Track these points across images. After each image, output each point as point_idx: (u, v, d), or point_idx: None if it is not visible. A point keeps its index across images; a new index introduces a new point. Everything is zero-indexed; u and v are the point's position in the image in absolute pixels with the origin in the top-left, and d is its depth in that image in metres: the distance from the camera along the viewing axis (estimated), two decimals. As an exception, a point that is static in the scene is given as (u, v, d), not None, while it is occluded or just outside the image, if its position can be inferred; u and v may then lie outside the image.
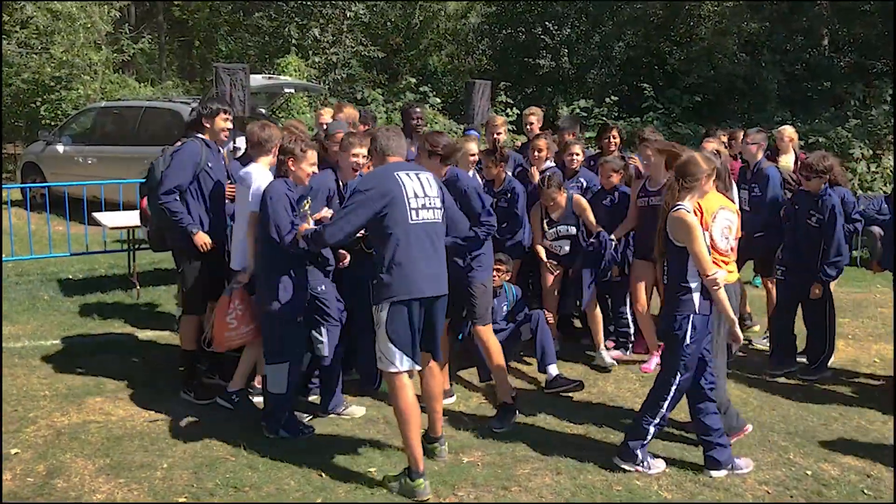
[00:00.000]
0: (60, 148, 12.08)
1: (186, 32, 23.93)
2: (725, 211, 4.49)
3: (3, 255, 8.19)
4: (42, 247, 8.85)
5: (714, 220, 4.42)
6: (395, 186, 4.09)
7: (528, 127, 7.38)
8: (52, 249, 8.73)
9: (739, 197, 6.44)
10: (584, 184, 6.47)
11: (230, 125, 5.42)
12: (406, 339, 4.08)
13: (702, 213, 4.38)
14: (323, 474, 4.24)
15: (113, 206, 8.65)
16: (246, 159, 5.26)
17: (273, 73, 14.60)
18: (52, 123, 14.11)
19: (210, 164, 5.25)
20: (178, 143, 5.36)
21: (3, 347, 6.08)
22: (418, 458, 4.07)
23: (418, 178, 4.20)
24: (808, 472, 4.43)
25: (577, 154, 6.48)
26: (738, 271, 5.04)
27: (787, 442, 4.80)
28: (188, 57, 24.99)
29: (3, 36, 14.87)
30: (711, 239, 4.40)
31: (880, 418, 5.24)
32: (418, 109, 7.28)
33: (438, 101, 14.68)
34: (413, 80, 14.86)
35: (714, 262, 4.30)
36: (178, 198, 5.15)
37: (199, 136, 5.32)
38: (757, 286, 8.78)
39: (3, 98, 15.38)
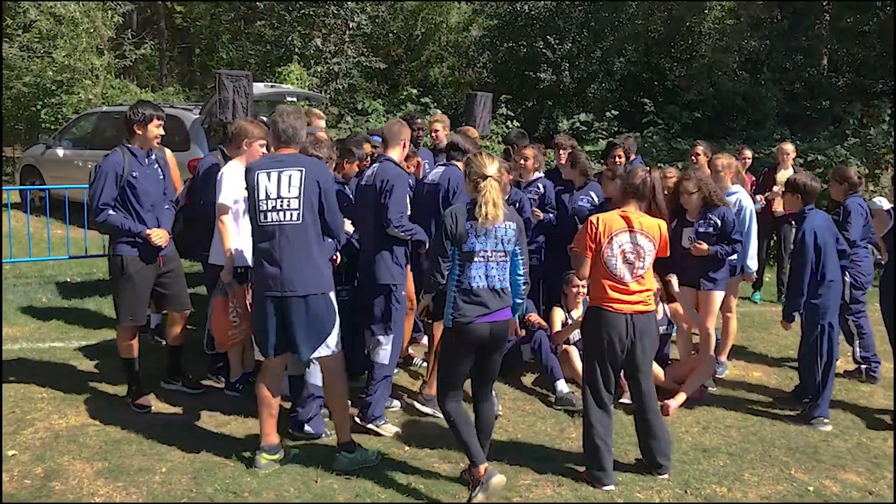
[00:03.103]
0: (60, 151, 12.06)
1: (188, 39, 23.99)
2: (626, 234, 4.29)
3: (2, 258, 8.17)
4: (41, 250, 8.82)
5: (610, 242, 4.30)
6: (251, 185, 4.23)
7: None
8: (51, 252, 8.71)
9: None
10: (595, 198, 6.46)
11: (163, 131, 5.06)
12: (260, 332, 4.28)
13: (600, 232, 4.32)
14: (321, 481, 4.22)
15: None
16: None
17: (274, 82, 14.62)
18: (53, 127, 14.11)
19: (135, 174, 4.91)
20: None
21: (1, 349, 6.05)
22: (264, 433, 4.34)
23: (278, 177, 4.17)
24: (811, 489, 4.42)
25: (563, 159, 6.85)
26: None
27: (788, 457, 4.79)
28: (189, 64, 25.03)
29: (6, 39, 14.89)
30: (605, 263, 4.30)
31: (881, 435, 5.24)
32: (419, 120, 7.36)
33: (439, 112, 14.69)
34: (414, 91, 14.87)
35: (613, 288, 4.26)
36: (111, 210, 4.88)
37: (126, 144, 4.99)
38: (756, 302, 8.80)
39: (3, 100, 15.39)
